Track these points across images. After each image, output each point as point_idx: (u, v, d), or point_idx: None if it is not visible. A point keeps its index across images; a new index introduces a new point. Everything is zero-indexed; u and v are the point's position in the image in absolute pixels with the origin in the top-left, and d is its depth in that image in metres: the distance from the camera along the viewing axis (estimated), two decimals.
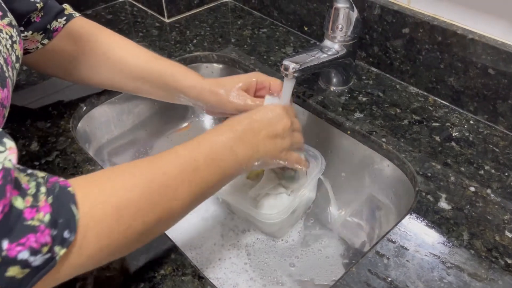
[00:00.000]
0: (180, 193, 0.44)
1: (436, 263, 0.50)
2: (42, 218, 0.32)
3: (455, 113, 0.71)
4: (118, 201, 0.39)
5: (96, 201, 0.37)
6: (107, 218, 0.37)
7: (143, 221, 0.40)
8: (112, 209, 0.38)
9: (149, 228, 0.41)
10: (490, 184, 0.59)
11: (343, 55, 0.71)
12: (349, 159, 0.73)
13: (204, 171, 0.47)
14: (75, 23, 0.65)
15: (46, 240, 0.32)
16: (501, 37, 0.64)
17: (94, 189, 0.38)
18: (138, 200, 0.40)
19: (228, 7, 1.02)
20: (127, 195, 0.39)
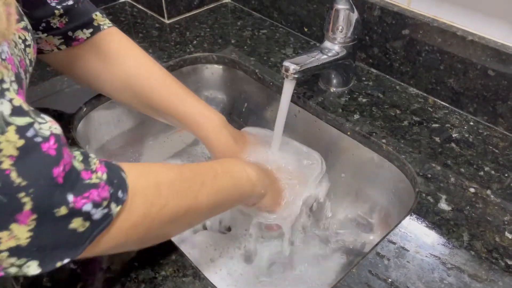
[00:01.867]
0: (204, 190, 0.48)
1: (436, 264, 0.50)
2: (101, 176, 0.37)
3: (455, 115, 0.71)
4: (158, 177, 0.44)
5: (140, 174, 0.42)
6: (150, 189, 0.42)
7: (177, 202, 0.44)
8: (154, 183, 0.43)
9: (179, 213, 0.45)
10: (490, 185, 0.59)
11: (343, 56, 0.71)
12: (349, 160, 0.73)
13: (222, 179, 0.52)
14: (104, 37, 0.62)
15: (106, 195, 0.36)
16: (500, 38, 0.64)
17: (137, 166, 0.44)
18: (173, 182, 0.45)
19: (228, 8, 1.02)
20: (165, 175, 0.45)
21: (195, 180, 0.48)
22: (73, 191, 0.34)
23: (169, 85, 0.65)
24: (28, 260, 0.34)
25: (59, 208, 0.33)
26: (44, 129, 0.33)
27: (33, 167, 0.32)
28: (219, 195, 0.51)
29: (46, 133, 0.33)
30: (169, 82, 0.65)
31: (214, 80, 0.90)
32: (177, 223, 0.46)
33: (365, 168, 0.71)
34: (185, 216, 0.46)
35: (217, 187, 0.51)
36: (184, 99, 0.65)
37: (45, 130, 0.33)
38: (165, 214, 0.43)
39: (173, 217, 0.44)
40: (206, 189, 0.49)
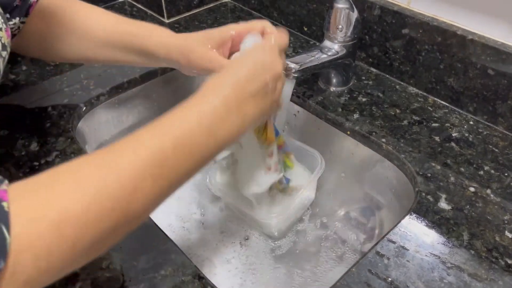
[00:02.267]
0: (140, 194, 0.36)
1: (436, 263, 0.50)
2: None
3: (454, 114, 0.71)
4: (58, 215, 0.32)
5: (31, 218, 0.31)
6: (45, 236, 0.31)
7: (93, 232, 0.34)
8: (51, 226, 0.31)
9: (101, 239, 0.35)
10: (490, 184, 0.59)
11: (342, 55, 0.71)
12: (349, 159, 0.73)
13: (174, 162, 0.38)
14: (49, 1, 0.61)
15: None
16: (500, 37, 0.64)
17: (31, 201, 0.32)
18: (85, 211, 0.33)
19: (227, 8, 1.02)
20: (69, 207, 0.32)
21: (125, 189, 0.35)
22: None
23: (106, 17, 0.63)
24: None
25: None
26: None
27: None
28: (169, 181, 0.38)
29: None
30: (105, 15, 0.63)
31: None
32: (101, 247, 0.36)
33: (365, 167, 0.71)
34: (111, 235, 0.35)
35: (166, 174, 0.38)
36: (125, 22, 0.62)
37: None
38: (77, 251, 0.33)
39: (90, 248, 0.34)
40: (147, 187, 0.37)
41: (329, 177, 0.76)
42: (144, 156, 0.37)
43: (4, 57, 0.46)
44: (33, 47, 0.64)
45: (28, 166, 0.62)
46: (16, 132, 0.67)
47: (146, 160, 0.37)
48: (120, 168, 0.36)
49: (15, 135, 0.67)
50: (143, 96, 0.83)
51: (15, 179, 0.61)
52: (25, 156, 0.63)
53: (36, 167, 0.62)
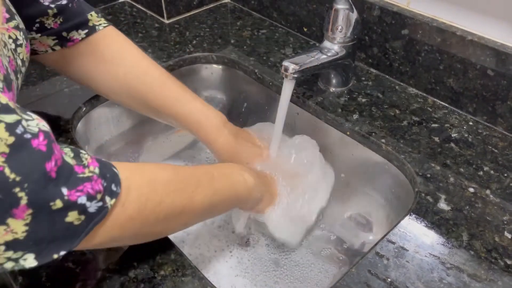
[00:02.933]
0: (200, 191, 0.48)
1: (435, 264, 0.50)
2: (93, 169, 0.37)
3: (454, 115, 0.71)
4: (152, 175, 0.45)
5: (133, 171, 0.43)
6: (144, 185, 0.42)
7: (173, 201, 0.45)
8: (148, 180, 0.43)
9: (175, 212, 0.45)
10: (489, 185, 0.59)
11: (342, 56, 0.71)
12: (348, 159, 0.73)
13: (218, 182, 0.53)
14: (100, 38, 0.62)
15: (99, 188, 0.37)
16: (500, 38, 0.64)
17: (130, 165, 0.44)
18: (168, 180, 0.46)
19: (227, 8, 1.02)
20: (160, 174, 0.46)
21: (190, 181, 0.49)
22: (67, 184, 0.35)
23: (166, 85, 0.64)
24: (25, 253, 0.34)
25: (54, 202, 0.34)
26: (32, 126, 0.34)
27: (26, 162, 0.32)
28: (215, 196, 0.51)
29: (35, 129, 0.34)
30: (166, 81, 0.65)
31: (214, 80, 0.90)
32: (172, 221, 0.47)
33: (365, 168, 0.71)
34: (180, 215, 0.47)
35: (213, 189, 0.51)
36: (182, 99, 0.65)
37: (33, 127, 0.34)
38: (160, 211, 0.44)
39: (168, 215, 0.45)
40: (202, 190, 0.49)
41: None
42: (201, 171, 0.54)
43: (23, 73, 0.48)
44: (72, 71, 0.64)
45: None
46: None
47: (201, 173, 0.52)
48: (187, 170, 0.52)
49: None
50: None
51: None
52: None
53: None
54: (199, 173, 0.51)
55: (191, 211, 0.48)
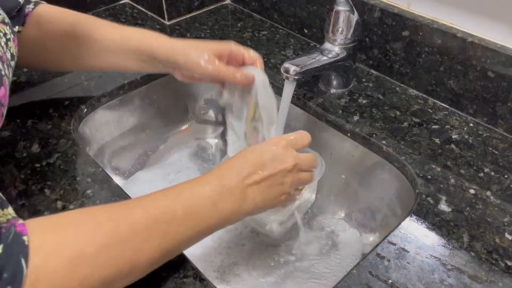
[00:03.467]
0: (148, 247, 0.40)
1: (436, 265, 0.50)
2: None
3: (454, 116, 0.71)
4: (74, 252, 0.36)
5: (50, 251, 0.35)
6: (61, 270, 0.35)
7: (100, 275, 0.37)
8: (66, 261, 0.35)
9: (106, 281, 0.38)
10: (489, 186, 0.59)
11: (343, 57, 0.71)
12: (349, 161, 0.73)
13: (181, 225, 0.43)
14: (41, 8, 0.63)
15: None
16: (500, 40, 0.64)
17: (51, 237, 0.36)
18: (97, 253, 0.37)
19: (228, 10, 1.02)
20: (85, 247, 0.37)
21: (135, 239, 0.39)
22: None
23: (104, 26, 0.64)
24: None
25: None
26: None
27: None
28: (175, 241, 0.43)
29: None
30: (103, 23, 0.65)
31: None
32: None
33: (365, 169, 0.71)
34: (115, 281, 0.39)
35: (173, 234, 0.42)
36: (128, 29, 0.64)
37: None
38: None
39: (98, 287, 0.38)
40: (155, 242, 0.41)
41: (330, 179, 0.76)
42: (156, 212, 0.42)
43: (12, 67, 0.47)
44: (30, 56, 0.64)
45: (29, 168, 0.62)
46: (18, 134, 0.67)
47: (157, 216, 0.42)
48: (133, 219, 0.40)
49: (16, 137, 0.67)
50: (144, 98, 0.83)
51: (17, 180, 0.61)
52: (26, 158, 0.63)
53: (37, 168, 0.62)
54: (153, 220, 0.41)
55: (132, 273, 0.40)
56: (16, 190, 0.58)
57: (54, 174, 0.61)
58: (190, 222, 0.44)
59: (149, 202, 0.43)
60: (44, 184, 0.60)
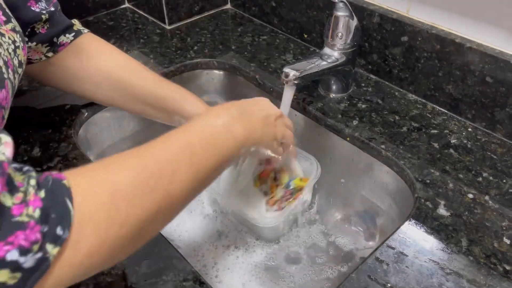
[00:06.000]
0: (177, 178, 0.41)
1: (435, 269, 0.51)
2: (32, 213, 0.30)
3: (453, 121, 0.72)
4: (111, 188, 0.36)
5: (89, 190, 0.35)
6: (103, 207, 0.35)
7: (142, 207, 0.37)
8: (107, 197, 0.35)
9: (149, 217, 0.38)
10: (488, 191, 0.60)
11: (342, 62, 0.72)
12: (348, 165, 0.73)
13: (201, 155, 0.44)
14: (83, 39, 0.64)
15: (36, 237, 0.30)
16: (498, 45, 0.65)
17: (86, 178, 0.36)
18: (132, 185, 0.37)
19: (228, 14, 1.03)
20: (120, 181, 0.37)
21: (164, 170, 0.40)
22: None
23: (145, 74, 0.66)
24: None
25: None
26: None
27: None
28: (199, 172, 0.43)
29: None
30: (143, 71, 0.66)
31: (215, 86, 0.90)
32: (148, 229, 0.40)
33: (364, 173, 0.71)
34: (156, 215, 0.39)
35: (195, 169, 0.43)
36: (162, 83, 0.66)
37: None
38: (129, 229, 0.37)
39: (140, 227, 0.38)
40: (182, 173, 0.41)
41: (329, 183, 0.76)
42: (176, 147, 0.43)
43: (20, 74, 0.48)
44: (58, 79, 0.66)
45: None
46: (19, 138, 0.68)
47: (178, 150, 0.42)
48: (157, 156, 0.41)
49: (17, 140, 0.67)
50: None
51: None
52: (27, 161, 0.64)
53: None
54: (175, 153, 0.42)
55: (169, 206, 0.41)
56: None
57: None
58: (210, 151, 0.45)
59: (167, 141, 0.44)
60: None
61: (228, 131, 0.48)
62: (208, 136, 0.46)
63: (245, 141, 0.50)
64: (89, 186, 0.35)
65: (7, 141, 0.32)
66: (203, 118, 0.48)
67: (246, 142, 0.50)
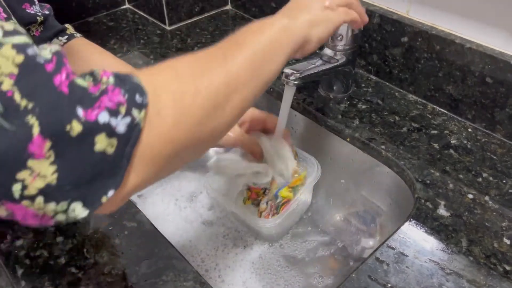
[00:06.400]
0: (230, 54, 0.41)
1: (435, 270, 0.51)
2: (107, 80, 0.31)
3: (453, 121, 0.72)
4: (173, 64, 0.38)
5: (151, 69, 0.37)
6: (171, 81, 0.36)
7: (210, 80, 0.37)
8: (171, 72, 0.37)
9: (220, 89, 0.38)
10: (488, 191, 0.60)
11: (343, 63, 0.72)
12: (348, 165, 0.73)
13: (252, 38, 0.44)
14: (76, 42, 0.64)
15: (119, 99, 0.31)
16: (498, 46, 0.65)
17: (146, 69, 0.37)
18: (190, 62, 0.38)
19: (228, 15, 1.03)
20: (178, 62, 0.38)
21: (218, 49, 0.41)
22: (81, 103, 0.29)
23: None
24: (69, 202, 0.30)
25: (70, 124, 0.28)
26: (45, 54, 0.29)
27: (37, 84, 0.28)
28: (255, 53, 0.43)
29: (48, 56, 0.29)
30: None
31: None
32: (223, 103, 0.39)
33: (365, 174, 0.71)
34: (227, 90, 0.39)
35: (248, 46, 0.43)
36: None
37: (47, 54, 0.29)
38: (203, 99, 0.37)
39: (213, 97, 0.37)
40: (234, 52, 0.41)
41: (329, 183, 0.76)
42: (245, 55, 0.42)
43: None
44: None
45: None
46: None
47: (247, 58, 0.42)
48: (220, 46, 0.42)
49: None
50: None
51: None
52: None
53: None
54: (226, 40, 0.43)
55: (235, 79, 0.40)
56: None
57: None
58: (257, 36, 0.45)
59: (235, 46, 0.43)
60: None
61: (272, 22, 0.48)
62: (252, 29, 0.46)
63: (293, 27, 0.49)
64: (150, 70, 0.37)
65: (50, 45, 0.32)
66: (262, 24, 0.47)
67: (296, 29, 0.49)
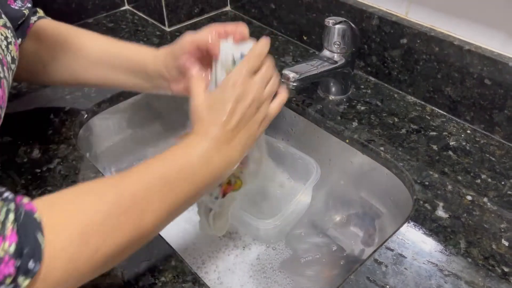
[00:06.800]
0: (149, 212, 0.41)
1: (433, 271, 0.51)
2: (7, 248, 0.32)
3: (452, 123, 0.72)
4: (82, 225, 0.37)
5: (60, 227, 0.36)
6: (73, 243, 0.36)
7: (113, 243, 0.39)
8: (77, 234, 0.36)
9: (119, 249, 0.40)
10: (486, 193, 0.60)
11: (341, 65, 0.72)
12: (347, 167, 0.73)
13: (177, 184, 0.44)
14: (42, 22, 0.63)
15: (10, 271, 0.31)
16: (497, 48, 0.65)
17: (58, 214, 0.37)
18: (103, 222, 0.38)
19: (228, 16, 1.03)
20: (92, 218, 0.38)
21: (137, 205, 0.41)
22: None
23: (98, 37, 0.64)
24: None
25: None
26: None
27: None
28: (172, 207, 0.44)
29: None
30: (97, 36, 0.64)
31: None
32: (119, 257, 0.41)
33: (363, 175, 0.71)
34: (127, 247, 0.41)
35: (169, 200, 0.43)
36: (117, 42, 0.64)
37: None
38: (99, 259, 0.38)
39: (110, 257, 0.39)
40: (154, 208, 0.42)
41: (328, 185, 0.76)
42: (151, 180, 0.43)
43: (13, 70, 0.48)
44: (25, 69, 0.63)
45: (30, 173, 0.62)
46: (18, 139, 0.68)
47: (152, 184, 0.43)
48: (131, 190, 0.41)
49: (17, 142, 0.67)
50: (144, 104, 0.84)
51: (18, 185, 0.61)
52: (27, 163, 0.64)
53: (38, 174, 0.62)
54: (149, 187, 0.42)
55: (141, 237, 0.41)
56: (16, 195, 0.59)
57: (55, 179, 0.62)
58: (185, 181, 0.45)
59: (142, 172, 0.44)
60: (45, 189, 0.60)
61: (206, 163, 0.46)
62: (184, 168, 0.45)
63: (224, 168, 0.48)
64: (60, 220, 0.36)
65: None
66: (181, 148, 0.47)
67: (226, 169, 0.48)
